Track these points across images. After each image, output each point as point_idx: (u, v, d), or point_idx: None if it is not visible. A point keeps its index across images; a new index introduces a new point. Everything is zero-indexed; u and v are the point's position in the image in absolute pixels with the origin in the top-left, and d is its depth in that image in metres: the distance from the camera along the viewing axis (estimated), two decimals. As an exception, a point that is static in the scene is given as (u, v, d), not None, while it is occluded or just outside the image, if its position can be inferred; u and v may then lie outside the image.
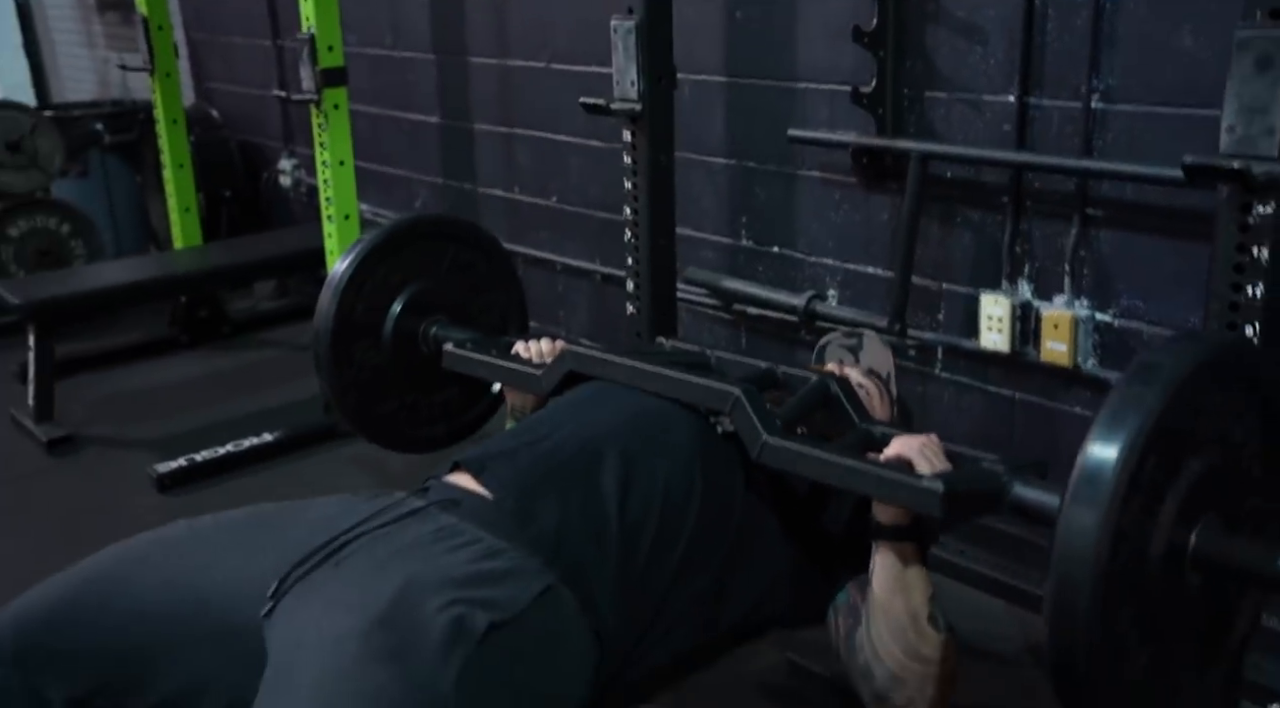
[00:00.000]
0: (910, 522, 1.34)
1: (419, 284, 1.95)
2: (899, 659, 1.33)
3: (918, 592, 1.33)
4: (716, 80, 2.69)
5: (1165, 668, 1.12)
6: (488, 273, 2.04)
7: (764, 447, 1.37)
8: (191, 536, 1.36)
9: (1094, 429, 1.02)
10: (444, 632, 1.13)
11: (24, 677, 1.25)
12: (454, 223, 2.09)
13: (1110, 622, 1.02)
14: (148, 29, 3.68)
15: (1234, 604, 1.20)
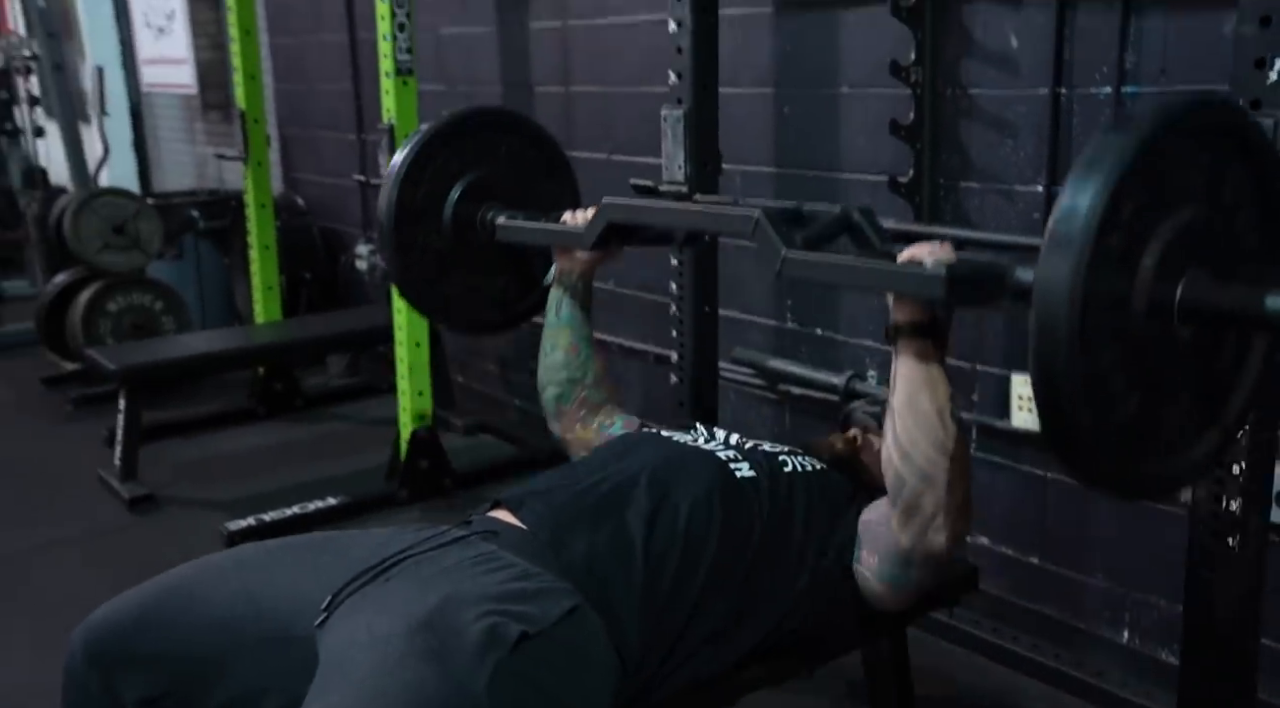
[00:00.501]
0: (928, 319, 1.40)
1: (476, 173, 2.01)
2: (927, 455, 1.38)
3: (941, 387, 1.39)
4: (765, 171, 2.85)
5: (1157, 417, 1.14)
6: (542, 163, 2.10)
7: (785, 260, 1.43)
8: (258, 555, 1.50)
9: (1069, 178, 1.06)
10: (480, 638, 1.24)
11: (102, 677, 1.39)
12: (509, 115, 2.16)
13: (1091, 364, 1.05)
14: (244, 122, 3.98)
15: (1233, 359, 1.22)
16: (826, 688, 2.26)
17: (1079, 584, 2.36)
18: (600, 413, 1.90)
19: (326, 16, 4.65)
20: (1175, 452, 1.20)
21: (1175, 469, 1.21)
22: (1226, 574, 1.51)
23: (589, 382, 1.89)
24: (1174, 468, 1.21)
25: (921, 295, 1.36)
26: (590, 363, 1.90)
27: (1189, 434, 1.21)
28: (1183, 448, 1.21)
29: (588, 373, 1.89)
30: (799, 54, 2.72)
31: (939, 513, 1.40)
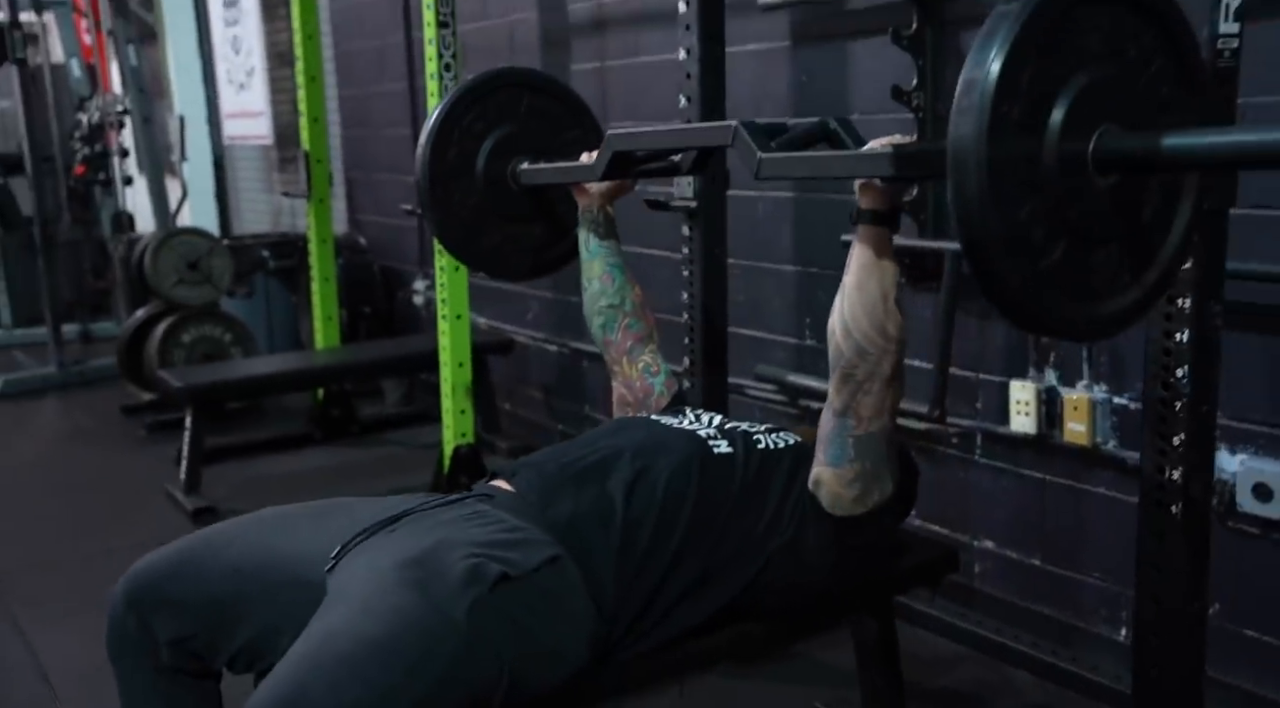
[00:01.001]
0: (887, 208, 1.53)
1: (502, 129, 2.15)
2: (866, 333, 1.51)
3: (889, 275, 1.52)
4: (786, 196, 3.00)
5: (1085, 263, 1.23)
6: (562, 113, 2.24)
7: (761, 161, 1.56)
8: (277, 515, 1.67)
9: (970, 53, 1.16)
10: (462, 574, 1.39)
11: (139, 619, 1.55)
12: (524, 72, 2.28)
13: (1007, 217, 1.14)
14: (308, 162, 4.24)
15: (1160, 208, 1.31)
16: (820, 676, 2.36)
17: (1077, 584, 2.44)
18: (645, 349, 2.03)
19: (388, 67, 4.93)
20: (1109, 295, 1.28)
21: (1108, 312, 1.28)
22: (1172, 542, 1.60)
23: (628, 309, 2.03)
24: (1110, 309, 1.28)
25: (873, 172, 1.48)
26: (627, 290, 2.03)
27: (1123, 278, 1.29)
28: (1118, 291, 1.29)
29: (625, 299, 2.03)
30: (814, 84, 2.88)
31: (869, 380, 1.54)
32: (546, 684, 1.46)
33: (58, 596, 3.02)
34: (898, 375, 1.57)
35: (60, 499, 3.90)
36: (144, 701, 1.58)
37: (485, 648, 1.36)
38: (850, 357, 1.54)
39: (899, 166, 1.41)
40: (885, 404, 1.57)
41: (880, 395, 1.55)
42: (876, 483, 1.61)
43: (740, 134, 1.61)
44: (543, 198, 2.19)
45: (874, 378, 1.54)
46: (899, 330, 1.53)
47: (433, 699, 1.29)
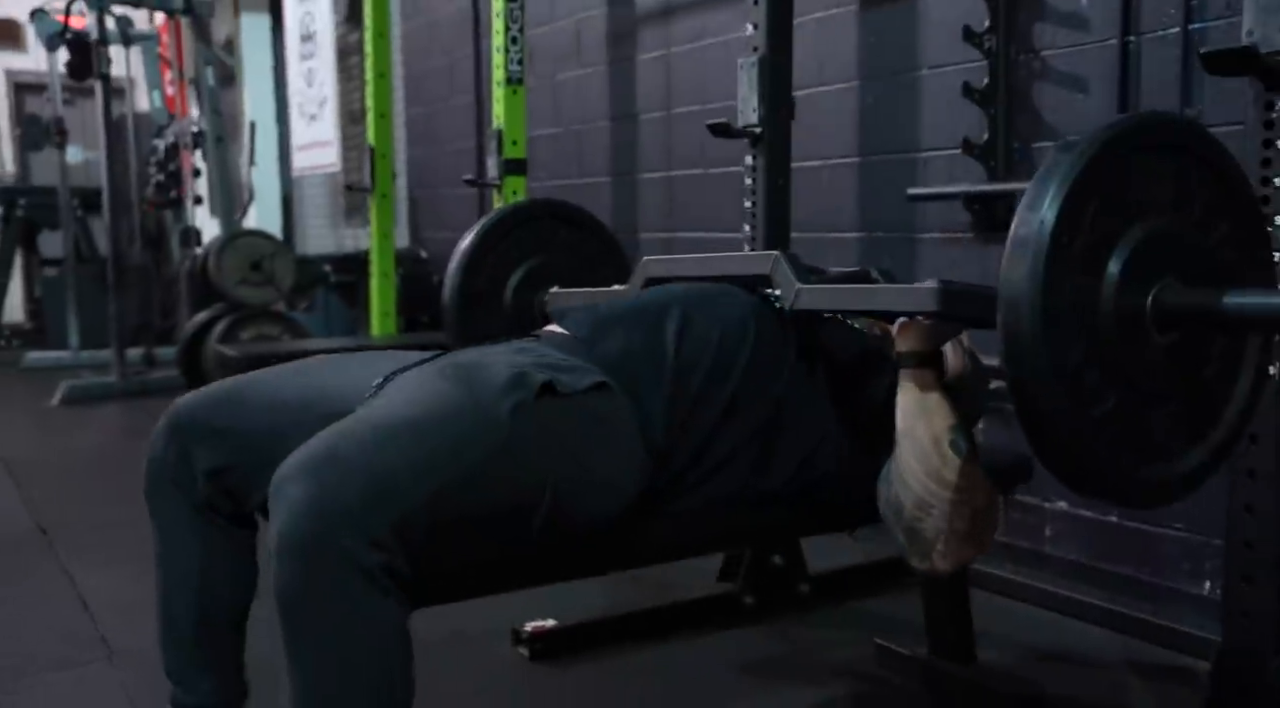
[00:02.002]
0: (930, 350, 1.43)
1: (534, 260, 2.17)
2: (923, 482, 1.38)
3: (939, 417, 1.40)
4: (849, 161, 2.96)
5: (1141, 419, 1.16)
6: (596, 250, 2.24)
7: (798, 293, 1.53)
8: (327, 358, 1.63)
9: (1028, 189, 1.12)
10: (507, 377, 1.32)
11: (179, 449, 1.49)
12: (561, 205, 2.31)
13: (1058, 357, 1.09)
14: (373, 156, 4.29)
15: (1223, 370, 1.24)
16: (883, 624, 2.23)
17: (1157, 538, 2.30)
18: None
19: (457, 81, 5.01)
20: (1166, 458, 1.22)
21: (1167, 475, 1.22)
22: (1265, 409, 1.49)
23: None
24: (1165, 474, 1.22)
25: (916, 308, 1.42)
26: None
27: (1180, 442, 1.23)
28: (1175, 455, 1.22)
29: None
30: (880, 45, 2.85)
31: (939, 540, 1.39)
32: (590, 515, 1.38)
33: (102, 548, 2.99)
34: (976, 529, 1.41)
35: (111, 480, 3.88)
36: (178, 536, 1.51)
37: (527, 454, 1.29)
38: (911, 510, 1.40)
39: (945, 304, 1.36)
40: (960, 562, 1.43)
41: (957, 556, 1.41)
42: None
43: (779, 265, 1.60)
44: None
45: (944, 536, 1.39)
46: (960, 475, 1.38)
47: (466, 486, 1.22)
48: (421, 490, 1.16)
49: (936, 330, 1.45)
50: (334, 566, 1.10)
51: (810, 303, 1.53)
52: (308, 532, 1.10)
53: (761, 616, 2.35)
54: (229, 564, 1.52)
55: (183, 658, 1.51)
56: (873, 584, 2.53)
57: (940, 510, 1.38)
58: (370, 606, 1.12)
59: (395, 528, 1.13)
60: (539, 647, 2.15)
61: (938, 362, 1.45)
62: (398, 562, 1.14)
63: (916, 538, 1.42)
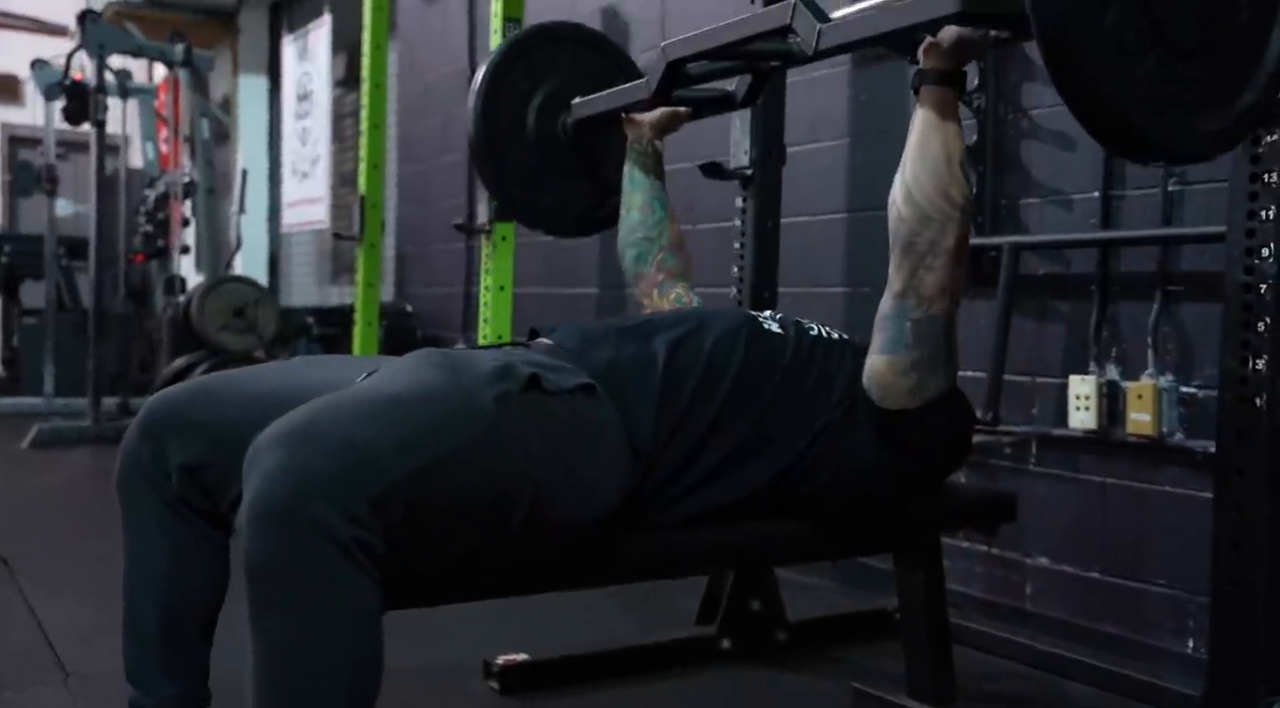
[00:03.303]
0: (953, 68, 1.44)
1: (550, 85, 2.13)
2: (930, 197, 1.40)
3: (953, 137, 1.42)
4: (838, 217, 2.99)
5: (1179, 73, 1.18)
6: (607, 67, 2.20)
7: (820, 33, 1.53)
8: (310, 358, 1.61)
9: None
10: (493, 367, 1.31)
11: (153, 446, 1.45)
12: (565, 26, 2.29)
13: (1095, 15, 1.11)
14: (363, 205, 4.30)
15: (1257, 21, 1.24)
16: (860, 674, 2.19)
17: (1140, 594, 2.27)
18: (677, 285, 1.97)
19: (450, 139, 5.06)
20: (1208, 112, 1.23)
21: (1210, 127, 1.24)
22: (1253, 438, 1.49)
23: (664, 243, 1.98)
24: (1208, 126, 1.23)
25: (941, 12, 1.40)
26: (665, 225, 1.99)
27: (1220, 96, 1.24)
28: (1214, 109, 1.23)
29: (663, 234, 1.98)
30: (872, 103, 2.90)
31: (930, 253, 1.42)
32: (573, 516, 1.35)
33: (64, 578, 2.93)
34: (962, 252, 1.47)
35: (77, 516, 3.83)
36: (147, 532, 1.47)
37: (509, 444, 1.27)
38: (912, 223, 1.44)
39: (968, 1, 1.35)
40: (948, 284, 1.47)
41: (943, 272, 1.45)
42: (932, 374, 1.50)
43: (799, 9, 1.59)
44: (592, 154, 2.18)
45: (937, 250, 1.43)
46: (964, 198, 1.44)
47: (446, 470, 1.19)
48: (401, 467, 1.14)
49: (959, 48, 1.44)
50: (307, 535, 1.07)
51: (834, 38, 1.52)
52: (282, 500, 1.07)
53: (738, 660, 2.30)
54: (198, 563, 1.48)
55: (145, 659, 1.46)
56: (852, 634, 2.49)
57: (939, 223, 1.41)
58: (342, 579, 1.09)
59: (372, 504, 1.11)
60: (510, 680, 2.10)
61: (960, 83, 1.46)
62: (374, 539, 1.11)
63: (910, 251, 1.44)
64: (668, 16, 3.67)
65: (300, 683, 1.10)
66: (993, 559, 2.57)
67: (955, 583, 2.60)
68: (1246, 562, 1.50)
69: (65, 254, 7.27)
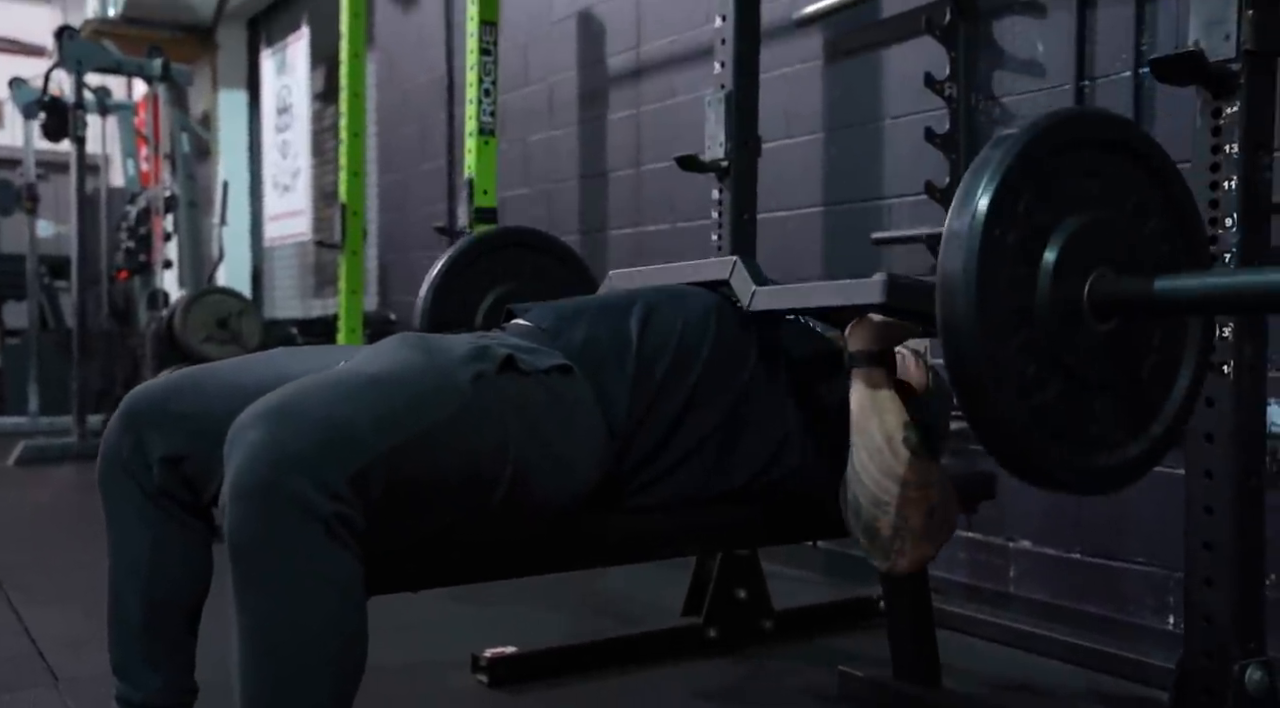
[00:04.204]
0: (879, 349, 1.46)
1: (504, 287, 2.16)
2: (876, 480, 1.40)
3: (890, 414, 1.42)
4: (815, 211, 3.01)
5: (1084, 409, 1.18)
6: (563, 276, 2.24)
7: (754, 294, 1.55)
8: (291, 348, 1.62)
9: (966, 174, 1.16)
10: (469, 348, 1.33)
11: (134, 439, 1.45)
12: (534, 234, 2.33)
13: (996, 347, 1.11)
14: (344, 213, 4.32)
15: (1164, 360, 1.26)
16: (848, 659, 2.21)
17: (1120, 572, 2.30)
18: None
19: (429, 146, 5.08)
20: (1107, 448, 1.24)
21: (1108, 464, 1.24)
22: (1220, 405, 1.51)
23: None
24: (1109, 462, 1.24)
25: (864, 299, 1.43)
26: None
27: (1121, 432, 1.25)
28: (1115, 446, 1.24)
29: None
30: (846, 98, 2.93)
31: (895, 538, 1.41)
32: (551, 493, 1.37)
33: (51, 588, 2.93)
34: (931, 526, 1.43)
35: (63, 529, 3.82)
36: (130, 526, 1.47)
37: (486, 422, 1.28)
38: (868, 508, 1.42)
39: (891, 295, 1.38)
40: (918, 561, 1.45)
41: (915, 553, 1.42)
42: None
43: (738, 268, 1.63)
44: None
45: (900, 535, 1.41)
46: (912, 471, 1.41)
47: (424, 446, 1.20)
48: (380, 444, 1.15)
49: (886, 329, 1.47)
50: (288, 511, 1.08)
51: (766, 303, 1.55)
52: (263, 476, 1.09)
53: (724, 649, 2.32)
54: (181, 554, 1.48)
55: (131, 651, 1.46)
56: (837, 622, 2.51)
57: (895, 508, 1.39)
58: (324, 554, 1.10)
59: (352, 480, 1.12)
60: (498, 673, 2.10)
61: (888, 361, 1.47)
62: (354, 515, 1.12)
63: (875, 536, 1.43)
64: (643, 20, 3.70)
65: (284, 658, 1.11)
66: (976, 544, 2.59)
67: (939, 569, 2.62)
68: (1217, 526, 1.52)
69: (47, 274, 7.26)
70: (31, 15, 10.07)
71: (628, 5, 3.78)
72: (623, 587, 2.79)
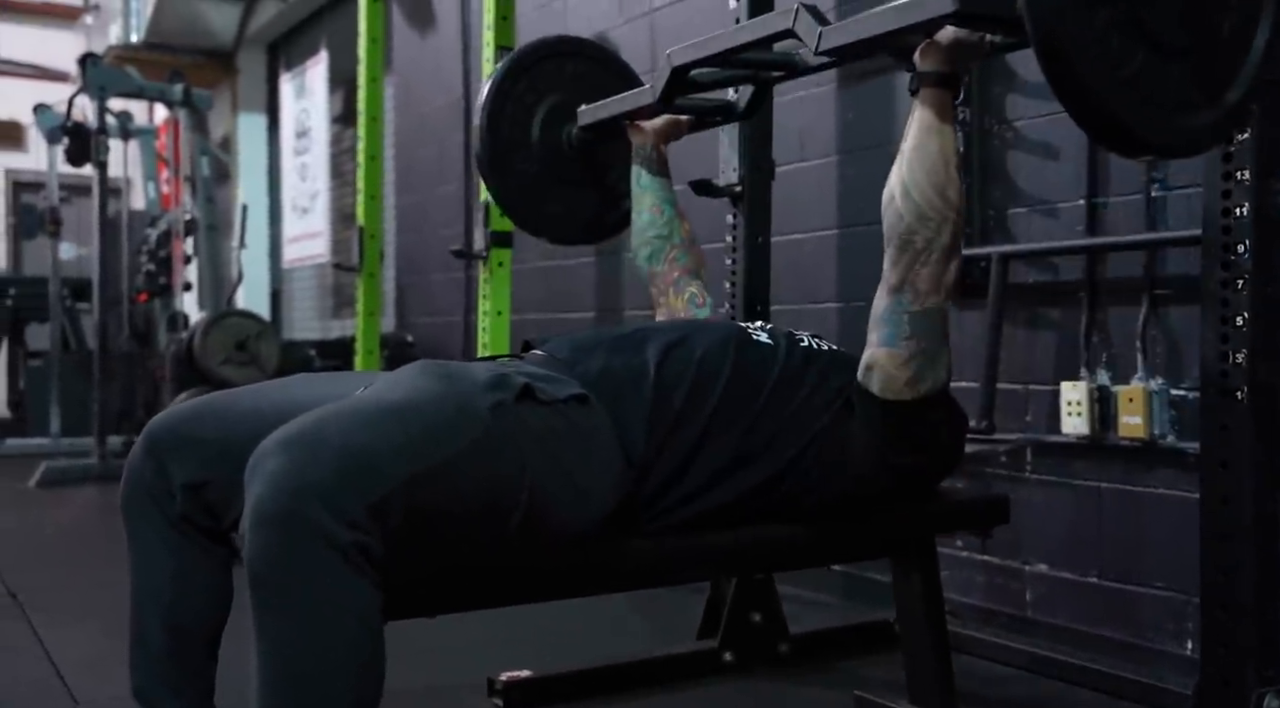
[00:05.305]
0: (949, 70, 1.47)
1: (553, 97, 2.19)
2: (927, 196, 1.44)
3: (950, 139, 1.46)
4: (829, 234, 3.02)
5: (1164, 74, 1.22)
6: (608, 78, 2.24)
7: (821, 34, 1.55)
8: (310, 374, 1.64)
9: None
10: (488, 377, 1.35)
11: (156, 464, 1.47)
12: (565, 40, 2.35)
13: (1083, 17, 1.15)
14: (362, 236, 4.35)
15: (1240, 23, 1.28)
16: (863, 684, 2.20)
17: (1138, 597, 2.29)
18: (692, 281, 2.02)
19: (446, 169, 5.12)
20: (1193, 110, 1.27)
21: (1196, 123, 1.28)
22: (1236, 430, 1.52)
23: (676, 241, 2.04)
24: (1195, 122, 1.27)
25: (938, 12, 1.41)
26: (676, 223, 2.05)
27: (1208, 91, 1.28)
28: (1204, 104, 1.27)
29: (674, 232, 2.04)
30: (860, 121, 2.94)
31: (927, 250, 1.46)
32: (568, 521, 1.38)
33: (71, 609, 2.96)
34: (956, 248, 1.51)
35: (84, 550, 3.85)
36: (152, 551, 1.49)
37: (505, 451, 1.30)
38: (910, 221, 1.47)
39: (965, 2, 1.36)
40: (944, 279, 1.50)
41: (939, 267, 1.48)
42: (931, 367, 1.53)
43: (801, 14, 1.61)
44: (597, 163, 2.23)
45: (933, 247, 1.47)
46: (959, 197, 1.48)
47: (443, 475, 1.22)
48: (398, 473, 1.17)
49: (957, 49, 1.47)
50: (307, 539, 1.10)
51: (835, 39, 1.54)
52: (282, 504, 1.10)
53: (740, 672, 2.31)
54: (203, 580, 1.50)
55: (151, 676, 1.48)
56: (853, 645, 2.50)
57: (936, 223, 1.45)
58: (343, 582, 1.11)
59: (371, 509, 1.14)
60: (513, 697, 2.11)
61: (956, 85, 1.49)
62: (373, 543, 1.14)
63: (907, 249, 1.47)
64: (657, 44, 3.72)
65: (302, 684, 1.12)
66: (992, 568, 2.59)
67: (955, 593, 2.62)
68: (1234, 553, 1.52)
69: (69, 296, 7.33)
70: (56, 41, 10.19)
71: (643, 30, 3.80)
72: (638, 610, 2.80)
